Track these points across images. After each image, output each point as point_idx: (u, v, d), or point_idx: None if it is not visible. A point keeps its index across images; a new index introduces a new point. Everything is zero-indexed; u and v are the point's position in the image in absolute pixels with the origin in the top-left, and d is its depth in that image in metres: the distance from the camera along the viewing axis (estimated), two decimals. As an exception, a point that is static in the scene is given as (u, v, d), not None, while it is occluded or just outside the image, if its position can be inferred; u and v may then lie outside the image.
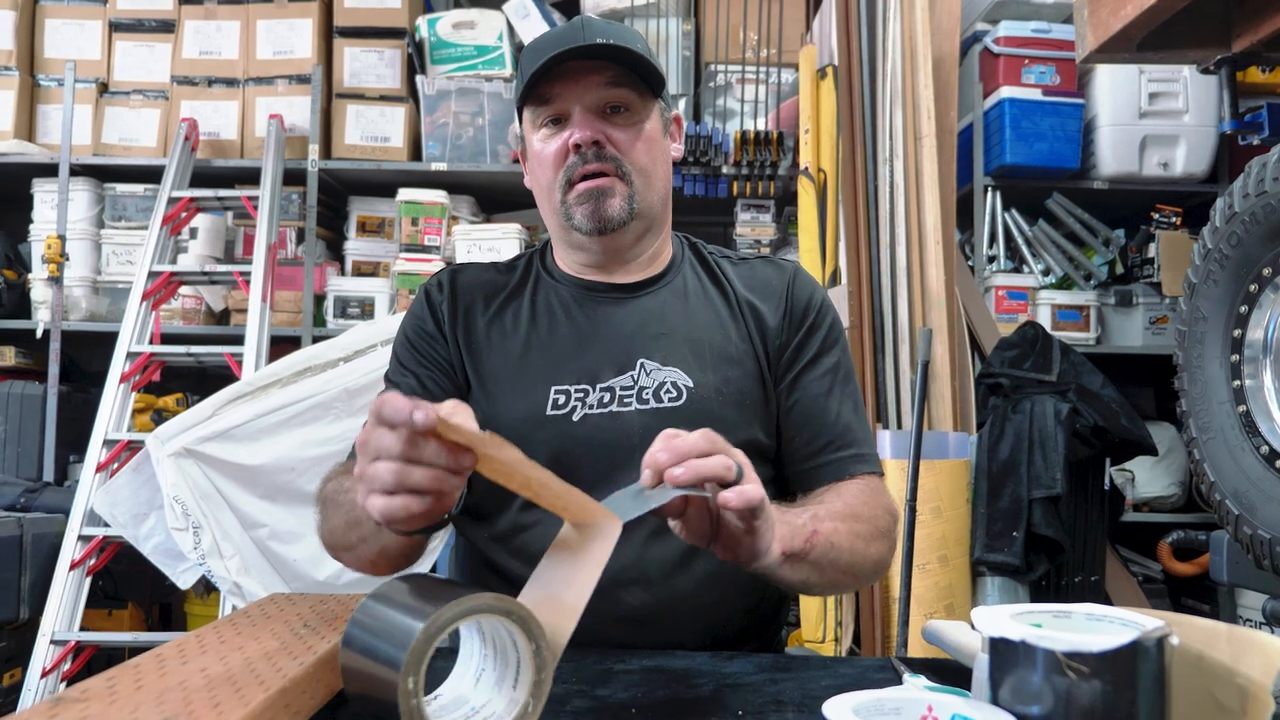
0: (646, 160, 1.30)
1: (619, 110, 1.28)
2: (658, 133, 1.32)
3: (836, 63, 3.12)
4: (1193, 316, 1.97)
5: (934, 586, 2.68)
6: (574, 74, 1.25)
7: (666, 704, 0.87)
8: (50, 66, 3.87)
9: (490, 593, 0.73)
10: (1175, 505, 3.60)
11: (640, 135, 1.29)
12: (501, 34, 3.71)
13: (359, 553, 1.14)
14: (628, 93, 1.27)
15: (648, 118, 1.30)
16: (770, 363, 1.33)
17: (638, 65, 1.25)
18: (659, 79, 1.29)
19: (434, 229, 3.61)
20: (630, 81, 1.27)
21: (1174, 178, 3.55)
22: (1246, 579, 2.06)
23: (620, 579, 1.20)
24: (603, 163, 1.26)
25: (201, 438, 2.54)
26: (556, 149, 1.28)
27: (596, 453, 1.23)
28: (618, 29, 1.28)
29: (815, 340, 1.35)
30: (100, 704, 0.74)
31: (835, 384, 1.34)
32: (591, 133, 1.25)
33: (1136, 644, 0.62)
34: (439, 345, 1.33)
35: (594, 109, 1.26)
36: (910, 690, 0.85)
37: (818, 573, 1.09)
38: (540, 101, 1.28)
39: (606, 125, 1.27)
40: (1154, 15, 2.01)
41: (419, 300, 1.37)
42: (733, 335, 1.32)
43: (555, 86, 1.26)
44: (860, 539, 1.16)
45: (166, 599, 3.74)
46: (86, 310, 3.72)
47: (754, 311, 1.35)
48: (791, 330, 1.34)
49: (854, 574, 1.17)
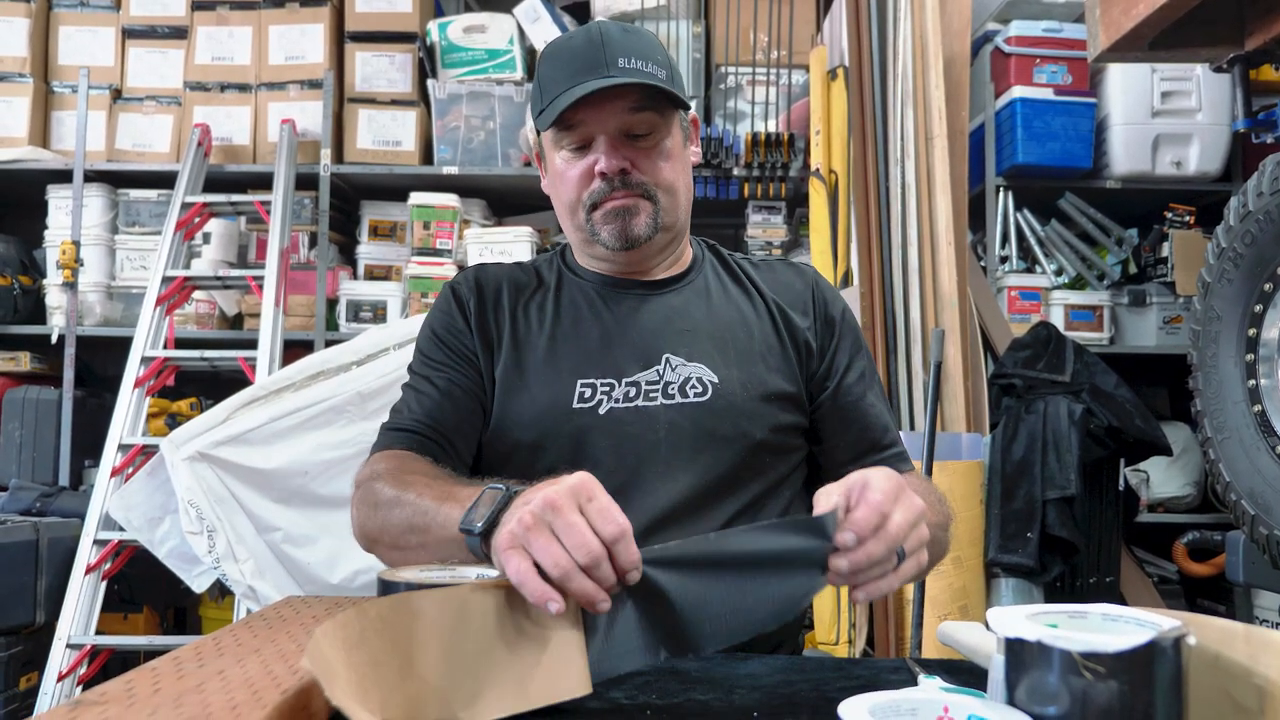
0: (671, 177, 1.31)
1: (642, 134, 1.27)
2: (679, 145, 1.33)
3: (847, 64, 3.12)
4: (1207, 316, 1.96)
5: (948, 588, 2.67)
6: (596, 100, 1.23)
7: (681, 705, 0.87)
8: (64, 73, 3.89)
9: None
10: (1190, 506, 3.57)
11: (664, 154, 1.29)
12: (512, 38, 3.71)
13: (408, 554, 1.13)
14: (651, 115, 1.27)
15: (670, 135, 1.30)
16: (802, 362, 1.35)
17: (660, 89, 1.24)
18: (680, 96, 1.28)
19: (446, 232, 3.62)
20: (653, 103, 1.26)
21: (1187, 176, 3.53)
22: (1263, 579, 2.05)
23: None
24: (628, 189, 1.27)
25: (216, 442, 2.54)
26: (581, 172, 1.28)
27: (622, 446, 1.24)
28: (636, 42, 1.27)
29: (846, 346, 1.38)
30: (119, 707, 0.75)
31: (870, 387, 1.37)
32: (617, 161, 1.25)
33: (1153, 644, 0.62)
34: (466, 340, 1.34)
35: (617, 134, 1.26)
36: (926, 691, 0.84)
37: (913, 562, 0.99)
38: (563, 126, 1.27)
39: (631, 150, 1.27)
40: (1166, 14, 2.00)
41: (445, 298, 1.38)
42: (756, 332, 1.34)
43: (579, 113, 1.25)
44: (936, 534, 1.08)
45: (181, 603, 3.75)
46: (101, 315, 3.73)
47: (780, 311, 1.36)
48: (825, 337, 1.37)
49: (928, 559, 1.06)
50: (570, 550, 0.81)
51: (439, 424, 1.28)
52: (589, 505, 0.83)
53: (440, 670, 0.76)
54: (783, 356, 1.33)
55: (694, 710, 0.86)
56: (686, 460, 1.25)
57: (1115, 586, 2.94)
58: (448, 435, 1.28)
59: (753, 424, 1.27)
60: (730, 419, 1.27)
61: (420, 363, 1.36)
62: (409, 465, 1.18)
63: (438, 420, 1.28)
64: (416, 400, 1.31)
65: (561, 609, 0.79)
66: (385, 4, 3.79)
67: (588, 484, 0.85)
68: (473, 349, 1.33)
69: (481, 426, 1.32)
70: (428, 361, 1.34)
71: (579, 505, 0.83)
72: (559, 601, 0.79)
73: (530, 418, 1.27)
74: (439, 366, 1.33)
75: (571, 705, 0.84)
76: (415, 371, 1.36)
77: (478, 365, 1.33)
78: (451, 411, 1.29)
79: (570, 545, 0.81)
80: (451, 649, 0.77)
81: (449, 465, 1.22)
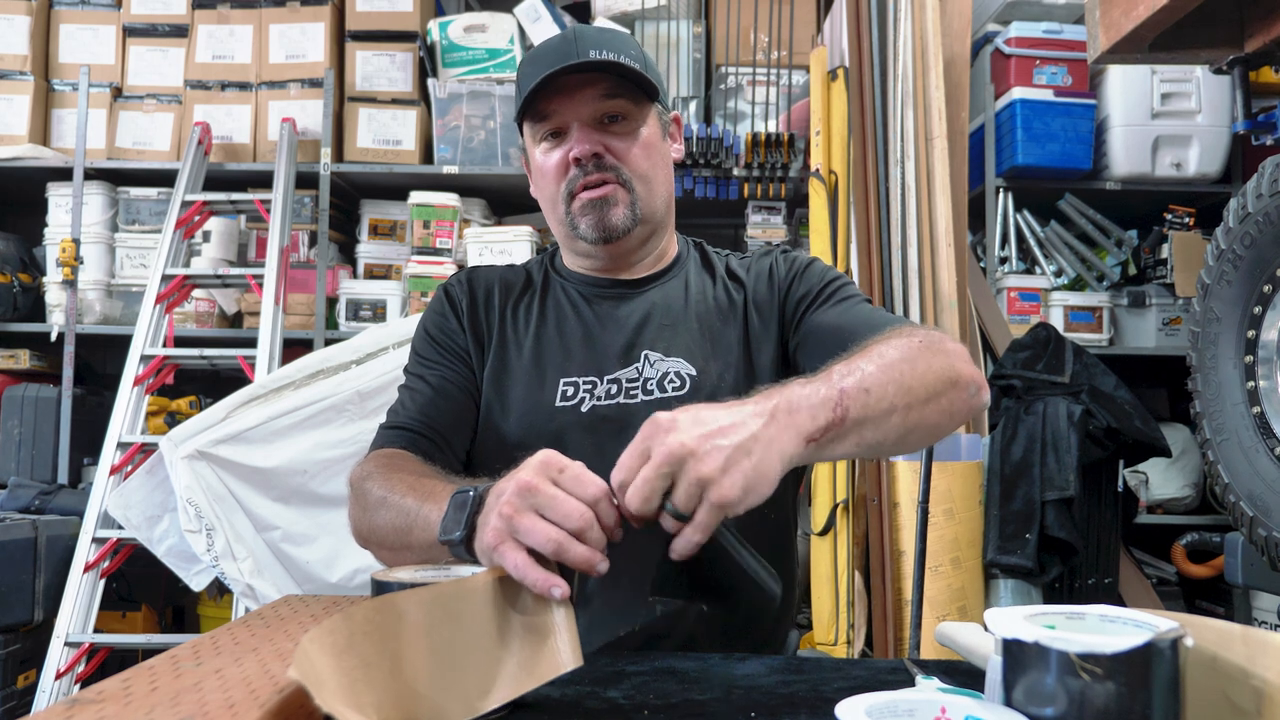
0: (646, 166, 1.32)
1: (616, 119, 1.30)
2: (656, 137, 1.35)
3: (847, 64, 3.12)
4: (1206, 317, 1.96)
5: (946, 589, 2.67)
6: (569, 89, 1.27)
7: (678, 706, 0.87)
8: (65, 71, 3.89)
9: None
10: (1189, 507, 3.58)
11: (638, 142, 1.31)
12: (513, 37, 3.71)
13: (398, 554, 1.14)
14: (624, 103, 1.30)
15: (645, 123, 1.33)
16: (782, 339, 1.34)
17: (631, 74, 1.27)
18: (654, 85, 1.30)
19: (445, 232, 3.62)
20: (625, 91, 1.29)
21: (1187, 178, 3.54)
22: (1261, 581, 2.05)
23: None
24: (603, 173, 1.29)
25: (215, 440, 2.55)
26: (557, 162, 1.31)
27: (605, 444, 1.25)
28: (610, 38, 1.30)
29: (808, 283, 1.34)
30: (116, 705, 0.75)
31: (843, 301, 1.31)
32: (590, 145, 1.28)
33: (1151, 645, 0.62)
34: (459, 339, 1.37)
35: (591, 121, 1.29)
36: (923, 692, 0.85)
37: (874, 429, 0.97)
38: (538, 117, 1.31)
39: (604, 136, 1.30)
40: (1166, 15, 2.00)
41: (439, 298, 1.42)
42: (734, 323, 1.34)
43: (552, 102, 1.29)
44: (895, 367, 1.00)
45: (180, 601, 3.75)
46: (100, 313, 3.73)
47: (756, 297, 1.36)
48: (785, 290, 1.35)
49: (918, 400, 1.01)
50: (559, 522, 0.82)
51: (433, 421, 1.30)
52: (561, 476, 0.85)
53: (431, 668, 0.76)
54: (763, 345, 1.33)
55: (691, 710, 0.86)
56: None
57: (1114, 588, 2.94)
58: (442, 432, 1.30)
59: None
60: None
61: (415, 363, 1.39)
62: (399, 464, 1.20)
63: (431, 417, 1.30)
64: (411, 399, 1.33)
65: (566, 593, 0.81)
66: (386, 3, 3.79)
67: (553, 458, 0.87)
68: (465, 347, 1.36)
69: (475, 422, 1.34)
70: (422, 361, 1.37)
71: (552, 479, 0.85)
72: (563, 586, 0.80)
73: (515, 417, 1.30)
74: (433, 365, 1.36)
75: (568, 705, 0.84)
76: (410, 372, 1.39)
77: (470, 363, 1.36)
78: (446, 408, 1.32)
79: (558, 518, 0.83)
80: (442, 646, 0.77)
81: (442, 462, 1.24)
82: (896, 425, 0.99)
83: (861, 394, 0.95)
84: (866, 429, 0.96)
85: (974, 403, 1.11)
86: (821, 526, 2.83)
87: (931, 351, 1.07)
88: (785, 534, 1.38)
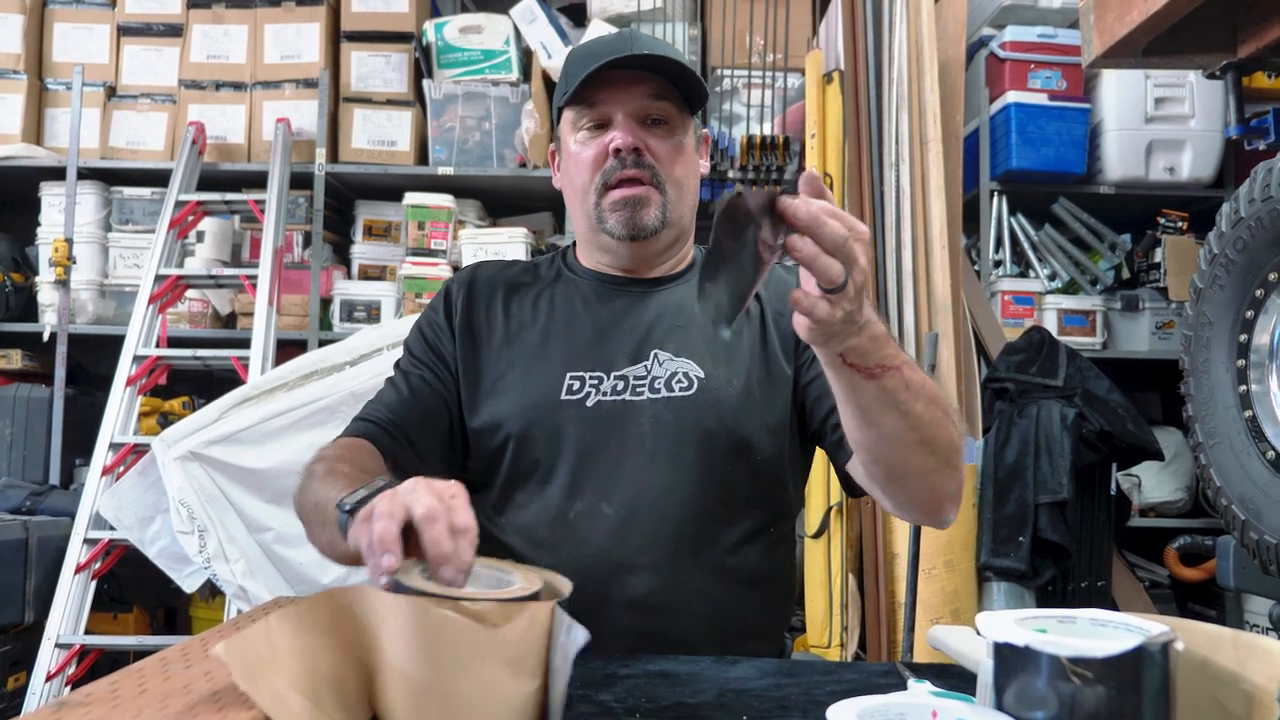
0: (681, 173, 1.34)
1: (659, 122, 1.32)
2: (691, 148, 1.37)
3: (843, 68, 3.12)
4: (1199, 321, 1.96)
5: (940, 592, 2.68)
6: (620, 83, 1.29)
7: (671, 709, 0.87)
8: (58, 70, 3.88)
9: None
10: (1182, 510, 3.58)
11: (677, 148, 1.33)
12: (508, 38, 3.71)
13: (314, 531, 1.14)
14: (668, 106, 1.31)
15: (684, 133, 1.34)
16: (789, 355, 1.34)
17: (681, 80, 1.29)
18: (700, 95, 1.33)
19: (440, 233, 3.62)
20: (672, 96, 1.31)
21: (1180, 182, 3.54)
22: (1253, 584, 2.05)
23: (628, 564, 1.22)
24: (640, 169, 1.30)
25: (208, 441, 2.54)
26: (595, 152, 1.31)
27: (608, 438, 1.27)
28: (665, 45, 1.34)
29: None
30: (103, 708, 0.74)
31: None
32: (633, 139, 1.29)
33: (1141, 649, 0.62)
34: (445, 341, 1.38)
35: (635, 116, 1.30)
36: (915, 695, 0.84)
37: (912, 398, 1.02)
38: (584, 105, 1.32)
39: (646, 135, 1.31)
40: (1160, 20, 2.01)
41: (438, 296, 1.43)
42: (745, 330, 1.35)
43: (601, 92, 1.30)
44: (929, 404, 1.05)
45: (172, 603, 3.74)
46: (93, 313, 3.72)
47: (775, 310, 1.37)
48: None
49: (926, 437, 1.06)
50: (437, 497, 0.84)
51: (401, 421, 1.31)
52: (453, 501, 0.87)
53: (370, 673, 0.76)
54: (771, 354, 1.34)
55: (683, 713, 0.86)
56: (670, 454, 1.26)
57: (1107, 591, 2.94)
58: (408, 433, 1.31)
59: (738, 420, 1.28)
60: (715, 414, 1.28)
61: (405, 358, 1.40)
62: (349, 454, 1.21)
63: (401, 418, 1.31)
64: (390, 393, 1.35)
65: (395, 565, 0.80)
66: (381, 4, 3.79)
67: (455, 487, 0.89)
68: (450, 351, 1.37)
69: (448, 426, 1.34)
70: (411, 358, 1.39)
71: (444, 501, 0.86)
72: (395, 555, 0.81)
73: (519, 409, 1.30)
74: (417, 365, 1.37)
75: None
76: (398, 366, 1.40)
77: (452, 369, 1.36)
78: (417, 412, 1.33)
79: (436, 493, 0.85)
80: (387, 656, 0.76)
81: (402, 458, 1.26)
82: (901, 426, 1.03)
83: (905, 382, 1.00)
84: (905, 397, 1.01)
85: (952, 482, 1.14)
86: (815, 529, 2.83)
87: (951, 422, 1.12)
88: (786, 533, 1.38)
